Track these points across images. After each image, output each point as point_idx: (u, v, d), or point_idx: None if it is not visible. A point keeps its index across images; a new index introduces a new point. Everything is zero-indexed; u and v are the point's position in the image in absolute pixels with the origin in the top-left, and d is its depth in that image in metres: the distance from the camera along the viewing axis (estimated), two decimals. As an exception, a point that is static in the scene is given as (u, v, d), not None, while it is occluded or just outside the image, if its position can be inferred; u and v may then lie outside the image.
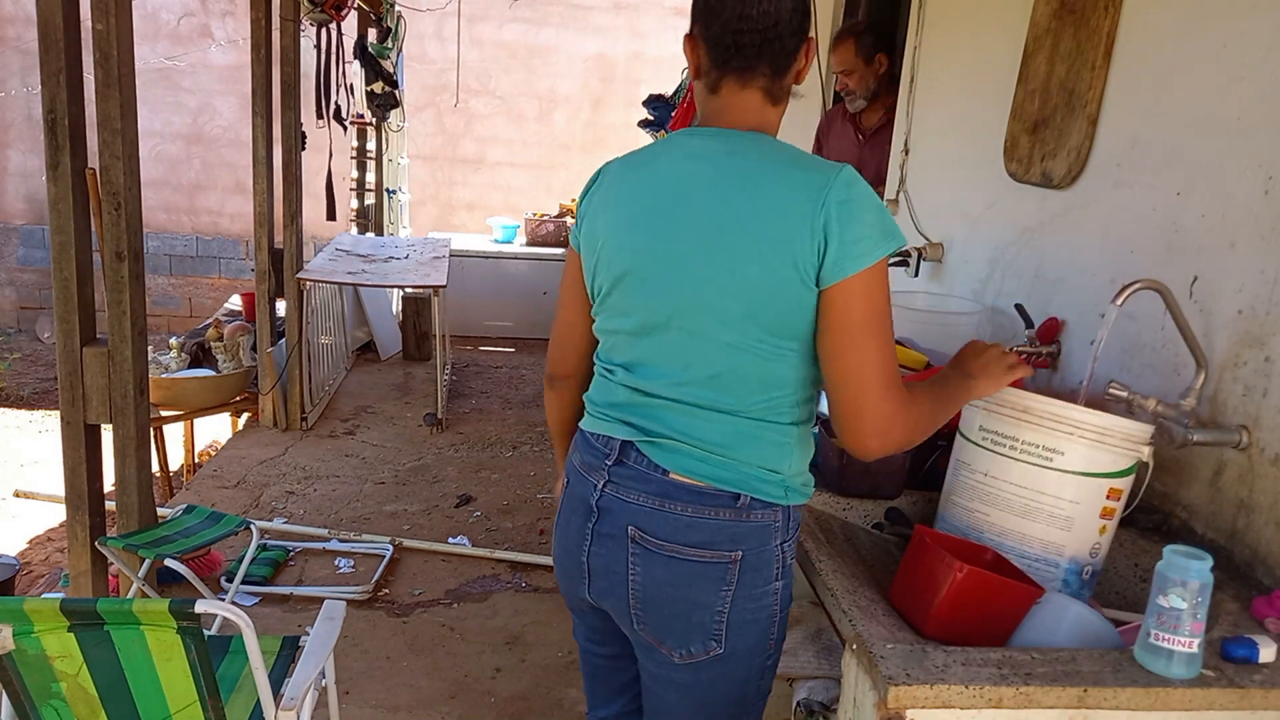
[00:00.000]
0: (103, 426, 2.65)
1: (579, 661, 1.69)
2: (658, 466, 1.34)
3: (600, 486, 1.39)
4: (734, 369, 1.31)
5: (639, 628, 1.40)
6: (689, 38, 1.37)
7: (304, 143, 4.99)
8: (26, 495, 4.66)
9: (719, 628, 1.35)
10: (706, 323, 1.30)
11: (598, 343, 1.47)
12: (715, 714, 1.44)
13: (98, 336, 2.61)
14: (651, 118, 6.09)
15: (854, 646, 1.18)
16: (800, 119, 4.01)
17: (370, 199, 7.51)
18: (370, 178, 7.46)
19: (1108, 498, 1.36)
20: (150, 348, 3.44)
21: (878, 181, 3.04)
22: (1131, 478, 1.37)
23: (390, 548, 3.61)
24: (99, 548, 2.62)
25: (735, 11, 1.30)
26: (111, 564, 2.72)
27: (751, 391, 1.31)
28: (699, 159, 1.33)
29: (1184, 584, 1.09)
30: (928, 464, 1.76)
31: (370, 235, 7.19)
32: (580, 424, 1.49)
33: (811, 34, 1.36)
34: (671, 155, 1.36)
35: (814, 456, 1.78)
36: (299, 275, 4.90)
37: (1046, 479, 1.35)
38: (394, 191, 7.66)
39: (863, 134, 3.26)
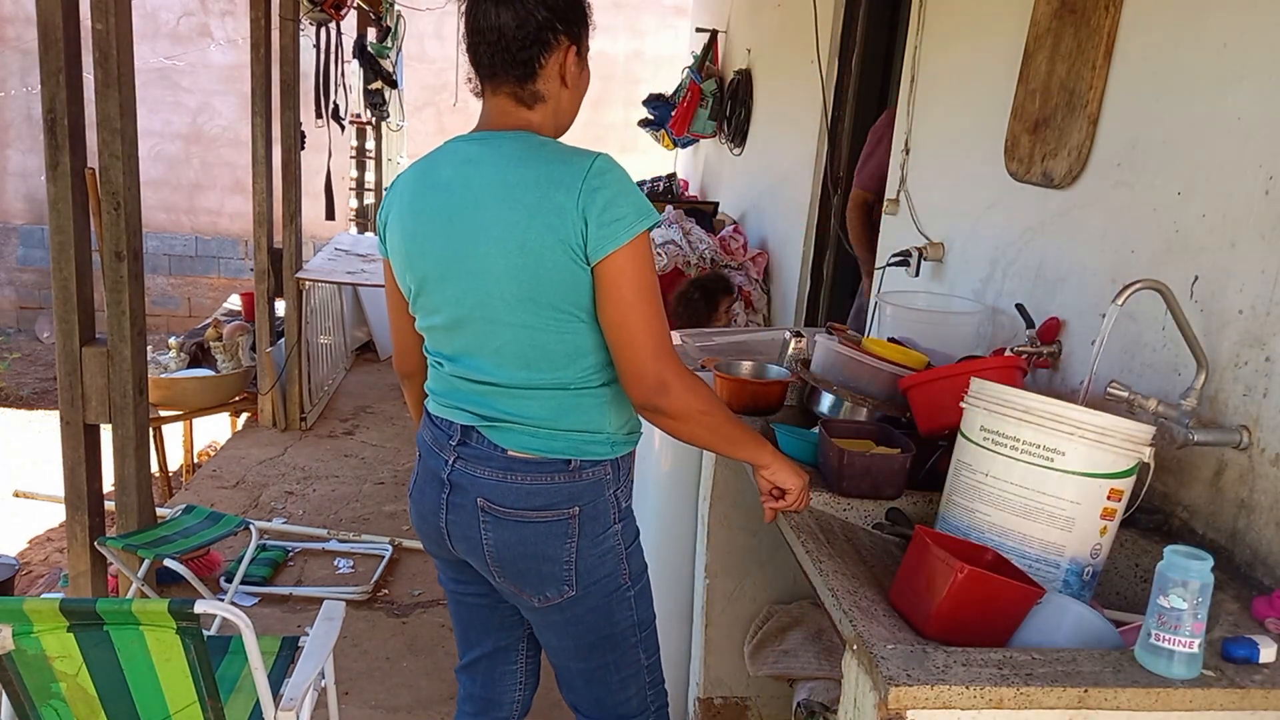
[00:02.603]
0: (102, 426, 2.65)
1: (449, 607, 1.82)
2: (497, 446, 1.51)
3: (450, 462, 1.55)
4: (536, 347, 1.46)
5: (499, 581, 1.58)
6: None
7: (303, 142, 4.99)
8: (26, 495, 4.66)
9: (568, 573, 1.54)
10: (499, 309, 1.45)
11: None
12: (594, 644, 1.62)
13: (97, 336, 2.61)
14: (651, 117, 6.08)
15: (854, 647, 1.18)
16: (800, 120, 4.01)
17: (370, 198, 7.51)
18: (370, 177, 7.46)
19: (1108, 498, 1.35)
20: (149, 347, 3.44)
21: None
22: (1133, 478, 1.37)
23: (390, 548, 3.61)
24: (98, 548, 2.62)
25: (469, 26, 1.46)
26: (111, 564, 2.72)
27: (559, 366, 1.47)
28: (473, 163, 1.47)
29: (1184, 584, 1.08)
30: (928, 464, 1.76)
31: (370, 235, 7.19)
32: (425, 405, 1.66)
33: (565, 42, 1.47)
34: (450, 162, 1.50)
35: (814, 457, 1.79)
36: (298, 275, 4.90)
37: (1047, 479, 1.35)
38: (393, 191, 7.66)
39: None
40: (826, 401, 1.98)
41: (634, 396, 1.46)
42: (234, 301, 6.19)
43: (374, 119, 6.90)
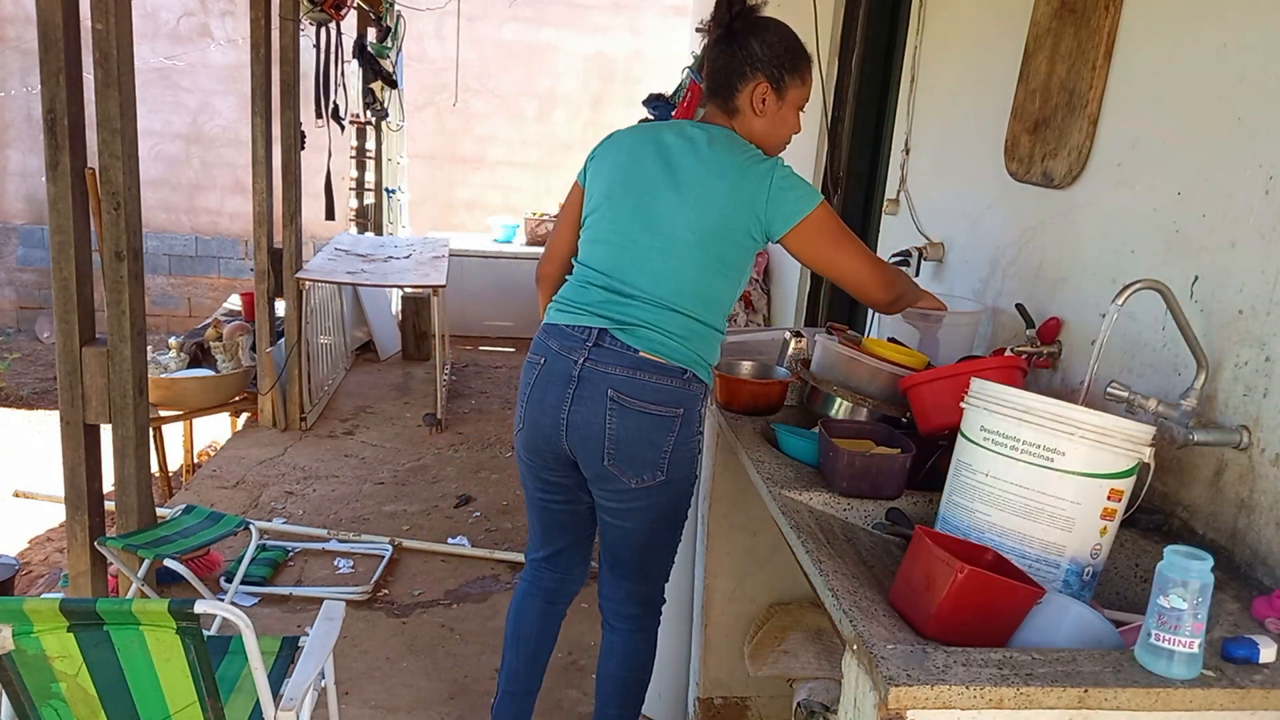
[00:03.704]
0: (102, 426, 2.65)
1: (528, 511, 2.18)
2: (630, 347, 1.86)
3: (580, 362, 1.88)
4: (690, 282, 1.87)
5: (608, 464, 1.90)
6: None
7: (303, 142, 4.99)
8: (26, 495, 4.66)
9: (664, 461, 1.91)
10: (674, 245, 1.86)
11: (575, 254, 2.03)
12: (659, 527, 2.01)
13: (97, 336, 2.61)
14: (651, 117, 6.07)
15: (855, 647, 1.18)
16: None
17: (370, 198, 7.50)
18: (370, 177, 7.45)
19: (1109, 498, 1.35)
20: (149, 347, 3.44)
21: None
22: (1133, 478, 1.37)
23: (390, 548, 3.61)
24: (98, 548, 2.62)
25: (706, 60, 2.00)
26: (111, 564, 2.72)
27: (699, 305, 1.88)
28: (688, 139, 1.92)
29: (1184, 584, 1.08)
30: (928, 464, 1.76)
31: (369, 235, 7.19)
32: (550, 319, 1.98)
33: (761, 79, 1.92)
34: (673, 131, 1.95)
35: (815, 459, 1.79)
36: (298, 275, 4.90)
37: (1047, 479, 1.35)
38: (393, 191, 7.66)
39: None
40: (826, 401, 1.98)
41: (872, 305, 1.99)
42: (234, 301, 6.19)
43: (373, 119, 6.89)
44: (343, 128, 5.76)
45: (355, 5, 5.41)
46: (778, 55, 1.92)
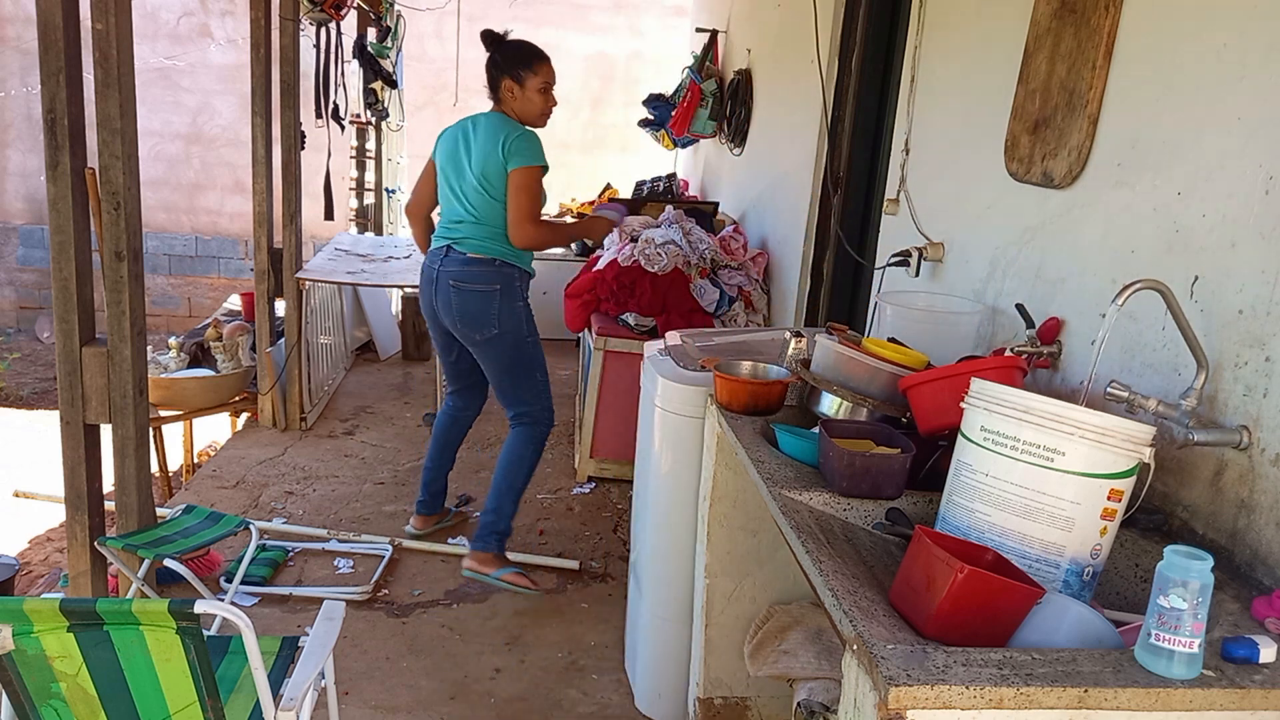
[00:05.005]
0: (102, 426, 2.65)
1: (441, 364, 3.70)
2: (461, 252, 3.10)
3: (437, 268, 3.14)
4: (486, 211, 3.08)
5: (462, 326, 3.14)
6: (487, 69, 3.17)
7: (303, 142, 4.98)
8: (26, 495, 4.66)
9: (494, 321, 3.11)
10: (471, 191, 3.09)
11: (433, 201, 3.31)
12: (511, 367, 3.21)
13: (97, 336, 2.61)
14: (651, 117, 6.09)
15: (855, 647, 1.18)
16: (800, 120, 4.02)
17: (370, 198, 7.50)
18: (370, 177, 7.45)
19: (1109, 499, 1.36)
20: (149, 347, 3.44)
21: None
22: (1133, 479, 1.37)
23: (390, 548, 3.61)
24: (98, 548, 2.62)
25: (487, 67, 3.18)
26: (111, 564, 2.72)
27: (494, 219, 3.08)
28: (473, 124, 3.14)
29: (1184, 584, 1.08)
30: (929, 464, 1.76)
31: (369, 235, 7.18)
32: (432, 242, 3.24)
33: (507, 79, 3.10)
34: (469, 122, 3.15)
35: (815, 459, 1.79)
36: (298, 275, 4.89)
37: (1048, 479, 1.35)
38: (393, 191, 7.66)
39: None
40: (826, 401, 1.98)
41: (512, 237, 3.05)
42: (234, 301, 6.18)
43: (373, 119, 6.88)
44: (343, 128, 5.76)
45: (355, 5, 5.40)
46: (513, 62, 3.09)
